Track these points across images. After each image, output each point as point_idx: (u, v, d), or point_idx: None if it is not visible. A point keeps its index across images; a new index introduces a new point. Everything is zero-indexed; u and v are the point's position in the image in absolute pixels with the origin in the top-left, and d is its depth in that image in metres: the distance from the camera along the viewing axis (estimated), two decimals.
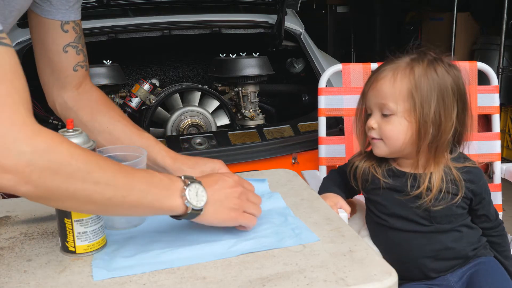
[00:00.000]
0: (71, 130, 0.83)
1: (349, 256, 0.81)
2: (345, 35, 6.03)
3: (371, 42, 5.72)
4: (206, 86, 2.52)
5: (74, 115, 1.02)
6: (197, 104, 2.41)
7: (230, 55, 2.47)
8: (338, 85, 1.87)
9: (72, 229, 0.84)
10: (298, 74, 2.68)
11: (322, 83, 1.67)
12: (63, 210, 0.83)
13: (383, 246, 1.18)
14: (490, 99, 1.63)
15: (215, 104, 2.41)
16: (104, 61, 2.29)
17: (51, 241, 0.91)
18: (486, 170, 1.64)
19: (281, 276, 0.76)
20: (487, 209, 1.17)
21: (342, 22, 6.03)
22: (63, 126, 0.88)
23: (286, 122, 2.16)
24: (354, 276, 0.75)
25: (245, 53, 2.54)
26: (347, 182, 1.29)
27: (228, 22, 2.56)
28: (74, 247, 0.84)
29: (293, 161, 2.00)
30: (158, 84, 2.44)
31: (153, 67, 2.94)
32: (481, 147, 1.61)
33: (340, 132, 1.79)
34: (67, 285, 0.75)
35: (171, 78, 2.98)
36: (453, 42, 4.17)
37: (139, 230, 0.94)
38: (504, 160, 2.91)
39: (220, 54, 2.53)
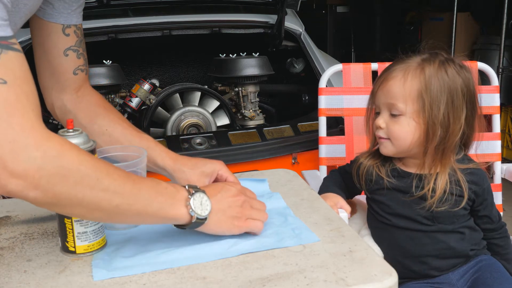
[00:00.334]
0: (71, 130, 0.83)
1: (349, 256, 0.81)
2: (345, 35, 6.03)
3: (371, 42, 5.72)
4: (206, 86, 2.52)
5: (73, 118, 1.02)
6: (197, 104, 2.41)
7: (230, 55, 2.47)
8: (338, 85, 1.87)
9: (72, 229, 0.84)
10: (298, 74, 2.68)
11: (322, 83, 1.67)
12: None
13: (386, 244, 1.19)
14: (490, 99, 1.63)
15: (215, 104, 2.41)
16: (104, 61, 2.29)
17: (51, 241, 0.91)
18: (488, 171, 1.63)
19: (281, 276, 0.76)
20: (489, 210, 1.16)
21: (342, 22, 6.03)
22: (63, 127, 0.88)
23: (286, 122, 2.15)
24: (354, 276, 0.75)
25: (245, 53, 2.54)
26: (348, 182, 1.29)
27: (228, 22, 2.56)
28: (74, 247, 0.84)
29: (293, 161, 1.99)
30: (158, 84, 2.44)
31: (153, 67, 2.94)
32: (481, 147, 1.61)
33: (340, 132, 1.79)
34: (67, 285, 0.75)
35: (171, 78, 2.98)
36: (453, 42, 4.17)
37: (139, 230, 0.94)
38: (504, 160, 2.91)
39: (220, 54, 2.53)
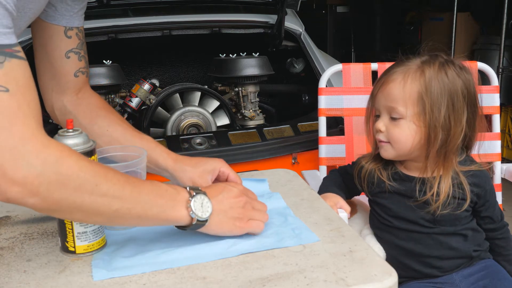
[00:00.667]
0: (71, 130, 0.83)
1: (349, 256, 0.81)
2: (345, 35, 6.03)
3: (371, 42, 5.72)
4: (206, 86, 2.52)
5: (74, 119, 1.02)
6: (197, 104, 2.40)
7: (230, 55, 2.47)
8: (338, 85, 1.87)
9: (72, 229, 0.84)
10: (298, 74, 2.68)
11: (322, 83, 1.67)
12: None
13: (388, 245, 1.19)
14: (490, 99, 1.63)
15: (215, 104, 2.41)
16: (104, 61, 2.29)
17: (51, 241, 0.91)
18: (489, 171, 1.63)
19: (281, 276, 0.76)
20: (491, 211, 1.16)
21: (342, 22, 6.03)
22: (63, 128, 0.88)
23: (286, 122, 2.15)
24: (354, 276, 0.75)
25: (245, 53, 2.54)
26: (348, 183, 1.29)
27: (228, 22, 2.56)
28: (74, 247, 0.84)
29: (293, 161, 1.99)
30: (158, 84, 2.44)
31: (153, 67, 2.94)
32: (481, 147, 1.61)
33: (340, 132, 1.79)
34: (67, 285, 0.75)
35: (171, 78, 2.98)
36: (453, 42, 4.17)
37: (139, 230, 0.94)
38: (504, 160, 2.91)
39: (220, 54, 2.53)
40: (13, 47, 0.67)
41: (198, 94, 2.44)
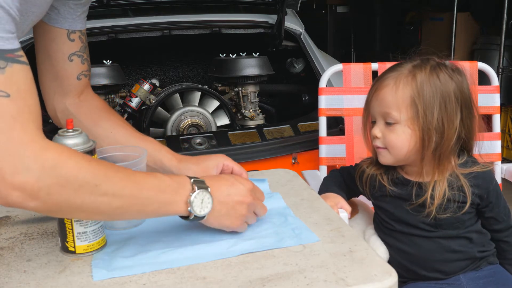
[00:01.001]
0: (71, 130, 0.83)
1: (349, 256, 0.81)
2: (345, 35, 6.02)
3: (371, 42, 5.72)
4: (206, 86, 2.52)
5: (77, 121, 1.02)
6: (197, 104, 2.40)
7: (230, 55, 2.47)
8: (338, 85, 1.87)
9: (72, 229, 0.84)
10: (298, 74, 2.68)
11: (323, 83, 1.67)
12: None
13: (391, 249, 1.19)
14: (491, 99, 1.63)
15: (215, 104, 2.41)
16: (104, 61, 2.29)
17: (51, 241, 0.91)
18: None
19: (281, 276, 0.76)
20: (496, 211, 1.15)
21: (342, 22, 6.03)
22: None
23: (286, 122, 2.15)
24: (354, 276, 0.75)
25: (245, 53, 2.54)
26: (349, 184, 1.29)
27: (228, 22, 2.56)
28: (74, 247, 0.84)
29: (293, 161, 1.99)
30: (158, 84, 2.44)
31: (153, 67, 2.94)
32: (481, 147, 1.61)
33: (340, 132, 1.79)
34: (67, 285, 0.75)
35: (171, 78, 2.98)
36: (453, 42, 4.17)
37: (139, 230, 0.94)
38: (504, 160, 2.90)
39: (220, 54, 2.53)
40: (15, 52, 0.67)
41: (198, 94, 2.44)
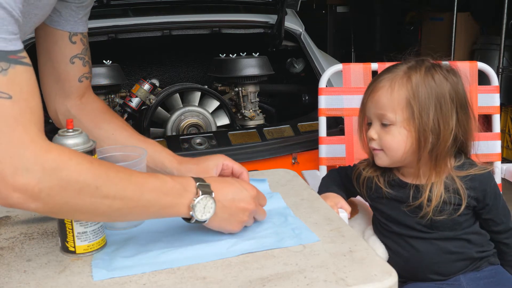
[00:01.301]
0: (71, 130, 0.83)
1: (349, 256, 0.81)
2: (345, 35, 6.02)
3: (371, 42, 5.71)
4: (206, 86, 2.52)
5: (78, 123, 1.02)
6: (197, 104, 2.40)
7: (230, 55, 2.47)
8: (338, 85, 1.87)
9: (72, 229, 0.84)
10: (298, 74, 2.68)
11: (323, 83, 1.67)
12: None
13: (391, 252, 1.19)
14: (490, 99, 1.63)
15: (215, 104, 2.41)
16: (104, 61, 2.29)
17: (51, 241, 0.91)
18: None
19: (281, 276, 0.76)
20: (494, 213, 1.14)
21: (342, 22, 6.03)
22: None
23: (286, 122, 2.15)
24: (354, 276, 0.75)
25: (245, 53, 2.54)
26: (347, 184, 1.29)
27: (228, 22, 2.56)
28: (74, 247, 0.84)
29: (293, 161, 1.99)
30: (158, 84, 2.44)
31: (153, 67, 2.94)
32: (481, 147, 1.60)
33: (340, 132, 1.79)
34: (67, 285, 0.75)
35: (171, 78, 2.98)
36: (453, 42, 4.17)
37: (139, 230, 0.94)
38: (504, 160, 2.90)
39: (220, 54, 2.53)
40: (18, 53, 0.67)
41: (198, 94, 2.44)
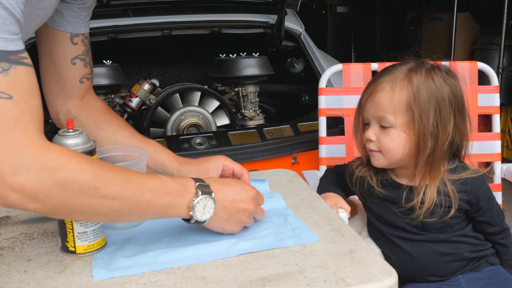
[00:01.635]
0: (71, 130, 0.83)
1: (349, 256, 0.81)
2: (345, 35, 6.03)
3: (371, 42, 5.72)
4: (206, 86, 2.52)
5: (79, 124, 1.02)
6: (197, 104, 2.40)
7: (230, 55, 2.47)
8: (338, 85, 1.87)
9: (72, 229, 0.84)
10: (298, 74, 2.68)
11: (322, 83, 1.67)
12: None
13: (384, 254, 1.19)
14: (490, 99, 1.63)
15: (215, 104, 2.41)
16: (104, 61, 2.29)
17: (51, 241, 0.91)
18: (488, 172, 1.62)
19: (281, 276, 0.76)
20: (488, 216, 1.14)
21: (342, 22, 6.03)
22: None
23: (286, 122, 2.15)
24: (354, 276, 0.75)
25: (245, 53, 2.54)
26: (343, 183, 1.29)
27: (228, 22, 2.56)
28: (74, 247, 0.84)
29: (293, 161, 1.99)
30: (158, 84, 2.44)
31: (153, 67, 2.94)
32: (481, 147, 1.61)
33: (340, 132, 1.79)
34: (67, 285, 0.75)
35: (171, 78, 2.98)
36: (453, 42, 4.17)
37: (139, 230, 0.94)
38: (504, 160, 2.90)
39: (220, 54, 2.53)
40: (19, 54, 0.68)
41: (198, 94, 2.44)
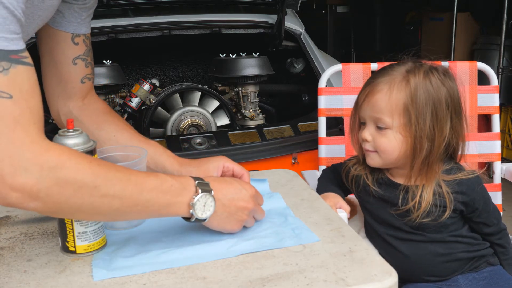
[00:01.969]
0: (71, 130, 0.83)
1: (349, 256, 0.81)
2: (345, 35, 6.03)
3: (371, 42, 5.72)
4: (206, 86, 2.52)
5: (80, 124, 1.02)
6: (197, 104, 2.41)
7: (230, 55, 2.47)
8: (338, 85, 1.87)
9: (72, 229, 0.84)
10: (298, 74, 2.68)
11: (322, 83, 1.67)
12: None
13: (380, 252, 1.18)
14: (490, 99, 1.63)
15: (215, 104, 2.41)
16: (104, 61, 2.29)
17: (51, 241, 0.91)
18: (487, 172, 1.62)
19: (281, 276, 0.76)
20: (484, 216, 1.14)
21: (342, 22, 6.03)
22: None
23: (286, 122, 2.15)
24: (354, 276, 0.75)
25: (245, 53, 2.54)
26: (340, 180, 1.29)
27: (228, 22, 2.56)
28: (74, 247, 0.84)
29: (293, 161, 1.99)
30: (158, 84, 2.44)
31: (153, 67, 2.94)
32: (481, 147, 1.61)
33: (340, 132, 1.79)
34: (67, 285, 0.75)
35: (171, 78, 2.98)
36: (453, 42, 4.17)
37: (139, 230, 0.94)
38: (504, 160, 2.91)
39: (220, 54, 2.53)
40: (20, 53, 0.68)
41: (198, 94, 2.44)
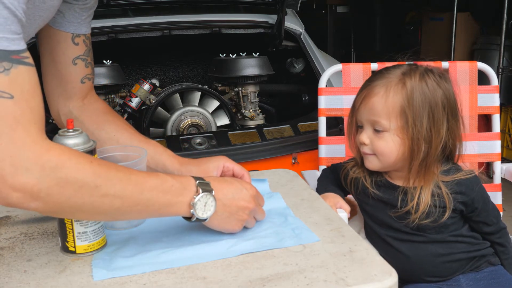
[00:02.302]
0: (71, 130, 0.83)
1: (349, 256, 0.81)
2: (345, 35, 6.03)
3: (371, 42, 5.72)
4: (206, 86, 2.52)
5: (80, 125, 1.03)
6: (197, 104, 2.41)
7: (230, 55, 2.47)
8: (338, 85, 1.87)
9: (72, 229, 0.84)
10: (298, 74, 2.68)
11: (322, 83, 1.67)
12: None
13: (380, 252, 1.18)
14: (490, 99, 1.63)
15: (215, 104, 2.41)
16: (104, 61, 2.29)
17: (51, 241, 0.91)
18: (487, 171, 1.62)
19: (281, 276, 0.76)
20: (484, 216, 1.14)
21: (342, 22, 6.03)
22: None
23: (286, 122, 2.15)
24: (354, 276, 0.75)
25: (245, 53, 2.54)
26: (339, 181, 1.29)
27: (228, 22, 2.56)
28: (74, 247, 0.84)
29: (293, 161, 1.99)
30: (158, 84, 2.44)
31: (153, 67, 2.94)
32: (481, 147, 1.61)
33: (340, 132, 1.79)
34: (67, 285, 0.75)
35: (171, 78, 2.98)
36: (453, 42, 4.17)
37: (139, 230, 0.94)
38: (504, 160, 2.91)
39: (220, 54, 2.53)
40: (20, 53, 0.68)
41: (198, 94, 2.44)
